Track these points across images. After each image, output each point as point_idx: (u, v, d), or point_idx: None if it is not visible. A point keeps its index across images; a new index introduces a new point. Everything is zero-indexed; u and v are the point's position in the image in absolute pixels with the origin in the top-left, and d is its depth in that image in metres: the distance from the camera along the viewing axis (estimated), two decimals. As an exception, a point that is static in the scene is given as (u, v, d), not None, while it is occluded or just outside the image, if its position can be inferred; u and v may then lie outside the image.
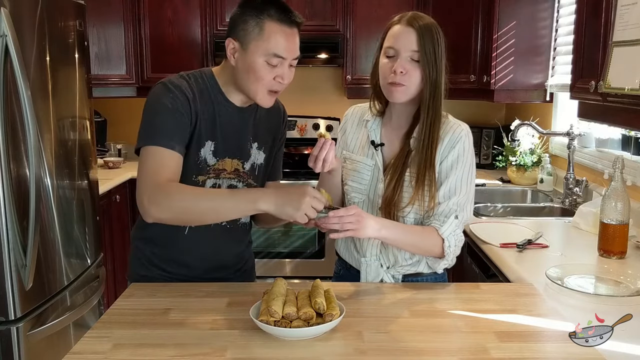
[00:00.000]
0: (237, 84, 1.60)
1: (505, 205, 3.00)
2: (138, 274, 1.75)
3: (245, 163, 1.70)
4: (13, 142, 2.09)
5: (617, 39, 1.81)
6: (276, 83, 1.55)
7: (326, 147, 1.57)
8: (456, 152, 1.64)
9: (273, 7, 1.52)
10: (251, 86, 1.56)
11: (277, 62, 1.53)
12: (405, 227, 1.62)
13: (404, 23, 1.61)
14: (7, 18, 2.03)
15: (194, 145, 1.60)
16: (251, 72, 1.54)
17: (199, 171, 1.63)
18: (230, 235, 1.75)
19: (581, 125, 2.91)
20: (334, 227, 1.48)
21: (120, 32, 3.78)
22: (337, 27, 3.83)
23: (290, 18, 1.53)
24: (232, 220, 1.68)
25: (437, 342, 1.33)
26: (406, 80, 1.60)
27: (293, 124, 4.21)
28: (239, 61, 1.56)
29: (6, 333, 2.14)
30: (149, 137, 1.55)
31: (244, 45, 1.53)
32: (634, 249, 2.06)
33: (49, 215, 2.35)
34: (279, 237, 3.74)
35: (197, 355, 1.25)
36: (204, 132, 1.61)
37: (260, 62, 1.52)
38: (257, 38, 1.52)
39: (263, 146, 1.74)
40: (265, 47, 1.51)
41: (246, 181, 1.72)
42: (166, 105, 1.55)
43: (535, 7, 3.33)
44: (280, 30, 1.52)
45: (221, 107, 1.63)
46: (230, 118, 1.64)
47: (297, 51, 1.56)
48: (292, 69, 1.58)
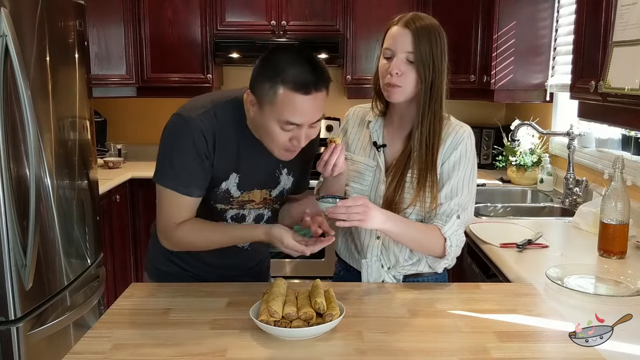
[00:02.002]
0: (258, 134, 1.54)
1: (505, 205, 3.00)
2: (158, 268, 1.78)
3: (273, 190, 1.67)
4: (13, 142, 2.09)
5: (617, 39, 1.81)
6: (292, 145, 1.48)
7: (337, 152, 1.56)
8: (458, 153, 1.64)
9: (290, 71, 1.40)
10: (267, 144, 1.51)
11: (291, 128, 1.44)
12: (409, 222, 1.62)
13: (401, 24, 1.60)
14: (7, 18, 2.03)
15: (214, 181, 1.57)
16: (266, 132, 1.48)
17: (221, 200, 1.61)
18: (249, 253, 1.78)
19: (581, 125, 2.91)
20: (341, 216, 1.48)
21: (120, 32, 3.78)
22: (337, 27, 3.83)
23: (310, 84, 1.40)
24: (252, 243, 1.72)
25: (437, 342, 1.33)
26: (402, 82, 1.60)
27: (293, 124, 4.21)
28: (256, 116, 1.49)
29: (6, 333, 2.14)
30: (168, 178, 1.54)
31: (260, 104, 1.45)
32: (634, 249, 2.06)
33: (49, 215, 2.35)
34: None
35: (197, 355, 1.25)
36: (226, 167, 1.56)
37: (274, 126, 1.44)
38: (271, 103, 1.42)
39: (292, 171, 1.69)
40: (278, 114, 1.42)
41: (271, 207, 1.71)
42: (187, 147, 1.50)
43: (535, 7, 3.33)
44: (294, 98, 1.40)
45: (247, 140, 1.56)
46: (255, 151, 1.57)
47: (315, 116, 1.45)
48: (314, 129, 1.49)
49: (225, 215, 1.65)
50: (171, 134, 1.53)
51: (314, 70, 1.42)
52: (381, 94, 1.69)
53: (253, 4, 3.80)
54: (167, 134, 1.54)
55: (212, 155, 1.53)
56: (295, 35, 3.80)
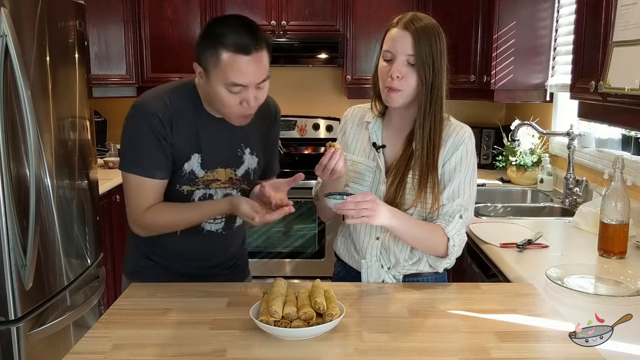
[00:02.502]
0: (210, 105, 1.62)
1: (505, 205, 3.00)
2: (137, 264, 1.80)
3: (237, 170, 1.72)
4: (13, 142, 2.09)
5: (617, 39, 1.81)
6: (243, 107, 1.53)
7: (336, 156, 1.55)
8: (459, 154, 1.64)
9: (231, 34, 1.47)
10: (222, 111, 1.59)
11: (238, 90, 1.50)
12: (414, 220, 1.62)
13: (401, 26, 1.59)
14: (7, 18, 2.03)
15: (176, 163, 1.63)
16: (217, 98, 1.54)
17: (186, 182, 1.66)
18: (225, 238, 1.79)
19: (581, 125, 2.91)
20: (350, 212, 1.48)
21: (120, 32, 3.78)
22: (337, 27, 3.84)
23: (249, 45, 1.47)
24: (227, 225, 1.76)
25: (437, 342, 1.33)
26: (403, 85, 1.59)
27: (293, 124, 4.21)
28: (205, 86, 1.56)
29: (6, 333, 2.14)
30: (131, 164, 1.61)
31: (207, 72, 1.52)
32: (634, 249, 2.06)
33: (49, 215, 2.35)
34: (279, 237, 3.74)
35: (197, 355, 1.25)
36: (188, 147, 1.62)
37: (222, 90, 1.51)
38: (215, 68, 1.49)
39: (255, 150, 1.74)
40: (224, 77, 1.49)
41: (239, 187, 1.74)
42: (145, 131, 1.58)
43: (535, 7, 3.33)
44: (236, 59, 1.47)
45: (203, 120, 1.64)
46: (214, 130, 1.65)
47: (260, 76, 1.51)
48: (262, 90, 1.55)
49: (193, 198, 1.69)
50: (129, 123, 1.61)
51: (251, 31, 1.50)
52: (380, 95, 1.69)
53: (253, 4, 3.80)
54: (126, 124, 1.62)
55: (170, 137, 1.59)
56: (295, 35, 3.80)
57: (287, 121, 4.20)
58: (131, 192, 1.62)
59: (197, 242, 1.74)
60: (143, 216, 1.63)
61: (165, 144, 1.59)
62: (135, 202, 1.62)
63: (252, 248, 3.73)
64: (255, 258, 3.71)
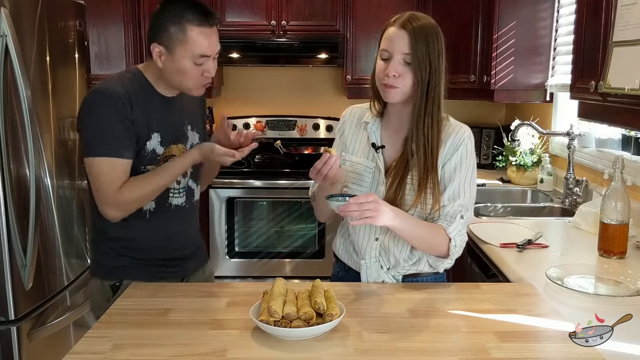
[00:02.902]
0: (168, 82, 1.72)
1: (505, 205, 3.00)
2: (110, 265, 1.79)
3: (186, 145, 1.83)
4: (13, 142, 2.10)
5: (617, 39, 1.81)
6: (204, 77, 1.69)
7: (330, 163, 1.55)
8: (459, 155, 1.64)
9: (191, 11, 1.63)
10: (183, 84, 1.70)
11: (203, 61, 1.66)
12: (417, 220, 1.62)
13: (398, 25, 1.60)
14: (7, 18, 2.03)
15: (139, 143, 1.70)
16: (181, 73, 1.67)
17: (149, 161, 1.72)
18: (188, 213, 1.86)
19: (581, 125, 2.90)
20: (354, 213, 1.48)
21: (120, 32, 3.78)
22: (337, 27, 3.83)
23: (209, 19, 1.64)
24: (187, 199, 1.84)
25: (437, 342, 1.33)
26: (399, 83, 1.59)
27: (293, 124, 4.21)
28: (166, 64, 1.67)
29: (6, 333, 2.14)
30: (99, 148, 1.64)
31: (170, 49, 1.64)
32: (634, 249, 2.06)
33: (49, 215, 2.35)
34: (279, 237, 3.74)
35: (197, 355, 1.25)
36: (147, 126, 1.70)
37: (188, 64, 1.65)
38: (182, 42, 1.63)
39: (195, 127, 1.87)
40: (191, 50, 1.63)
41: None
42: (109, 114, 1.64)
43: (535, 7, 3.32)
44: (202, 32, 1.63)
45: (154, 101, 1.74)
46: (164, 109, 1.76)
47: (218, 46, 1.70)
48: (215, 61, 1.71)
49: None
50: (92, 109, 1.67)
51: (204, 6, 1.67)
52: (379, 95, 1.69)
53: (253, 4, 3.80)
54: (87, 110, 1.67)
55: (132, 117, 1.67)
56: (295, 35, 3.80)
57: (287, 121, 4.20)
58: (102, 176, 1.65)
59: (165, 220, 1.79)
60: (118, 195, 1.65)
61: (129, 125, 1.66)
62: (108, 184, 1.65)
63: (252, 248, 3.73)
64: (255, 258, 3.71)
